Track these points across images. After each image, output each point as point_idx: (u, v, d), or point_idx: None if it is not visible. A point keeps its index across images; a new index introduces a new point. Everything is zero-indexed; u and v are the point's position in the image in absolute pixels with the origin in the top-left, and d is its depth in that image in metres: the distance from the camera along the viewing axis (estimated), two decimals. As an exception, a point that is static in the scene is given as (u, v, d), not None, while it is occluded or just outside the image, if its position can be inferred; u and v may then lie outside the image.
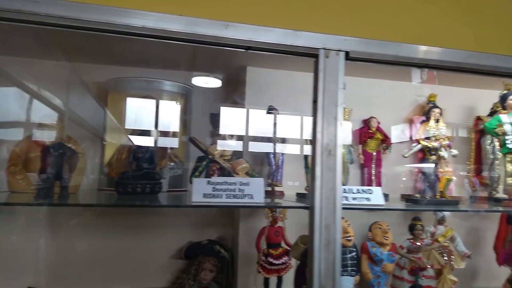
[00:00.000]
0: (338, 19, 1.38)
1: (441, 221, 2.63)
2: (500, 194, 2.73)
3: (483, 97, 2.87)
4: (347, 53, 1.36)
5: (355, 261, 2.51)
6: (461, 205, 2.58)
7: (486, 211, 2.42)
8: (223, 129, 2.26)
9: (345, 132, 2.49)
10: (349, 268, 2.49)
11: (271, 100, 2.51)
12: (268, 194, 2.35)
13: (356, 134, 2.73)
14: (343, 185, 1.80)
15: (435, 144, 2.08)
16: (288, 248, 2.31)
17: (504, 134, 2.11)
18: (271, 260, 2.27)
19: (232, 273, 2.52)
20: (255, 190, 1.49)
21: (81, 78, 2.66)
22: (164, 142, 2.56)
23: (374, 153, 2.67)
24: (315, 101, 1.35)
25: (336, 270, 1.31)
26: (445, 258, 2.55)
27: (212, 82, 2.70)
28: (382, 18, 1.43)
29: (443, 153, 2.04)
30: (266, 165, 2.49)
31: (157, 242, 2.57)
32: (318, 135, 1.32)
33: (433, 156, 2.05)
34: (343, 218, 2.65)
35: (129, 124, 2.50)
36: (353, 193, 1.65)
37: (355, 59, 1.40)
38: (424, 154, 2.06)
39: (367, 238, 2.65)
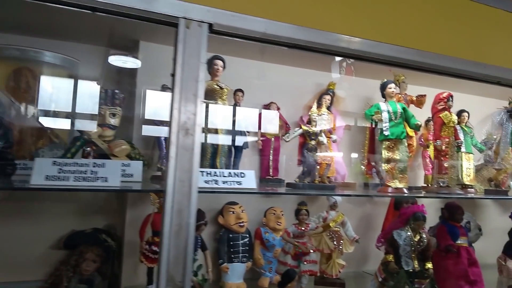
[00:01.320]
0: (202, -13, 1.27)
1: (333, 207, 2.69)
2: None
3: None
4: (210, 25, 1.26)
5: (247, 247, 2.47)
6: (353, 191, 2.66)
7: (357, 195, 2.51)
8: (106, 108, 2.06)
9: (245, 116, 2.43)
10: (241, 255, 2.45)
11: (166, 79, 2.34)
12: (157, 179, 2.21)
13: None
14: (219, 168, 1.73)
15: (315, 129, 2.08)
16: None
17: (381, 121, 2.18)
18: (155, 248, 2.15)
19: (119, 263, 2.36)
20: (110, 173, 1.35)
21: None
22: (42, 120, 2.30)
23: (273, 139, 2.65)
24: (172, 75, 1.24)
25: (187, 258, 1.22)
26: (335, 242, 2.62)
27: (100, 55, 2.46)
28: (251, -9, 1.35)
29: (322, 138, 2.05)
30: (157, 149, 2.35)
31: (35, 231, 2.31)
32: (175, 112, 1.22)
33: (313, 141, 2.05)
34: (237, 204, 2.64)
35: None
36: (225, 176, 1.58)
37: (219, 33, 1.30)
38: (305, 139, 2.06)
39: (262, 223, 2.64)
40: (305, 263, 2.11)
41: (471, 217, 3.01)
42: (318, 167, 2.02)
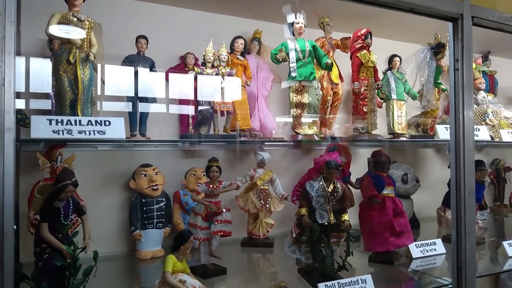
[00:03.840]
0: None
1: (260, 164, 2.51)
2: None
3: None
4: None
5: (163, 212, 2.27)
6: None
7: (262, 141, 2.31)
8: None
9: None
10: (155, 220, 2.25)
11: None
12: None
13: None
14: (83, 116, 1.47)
15: (210, 71, 1.84)
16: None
17: (284, 60, 1.96)
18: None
19: (16, 238, 2.09)
20: None
21: None
22: None
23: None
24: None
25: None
26: (262, 201, 2.45)
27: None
28: None
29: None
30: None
31: None
32: None
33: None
34: (150, 166, 2.41)
35: None
36: (82, 125, 1.33)
37: None
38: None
39: (182, 186, 2.44)
40: (216, 223, 1.92)
41: (409, 169, 2.90)
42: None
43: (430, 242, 2.29)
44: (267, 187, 2.51)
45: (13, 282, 1.14)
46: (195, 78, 1.83)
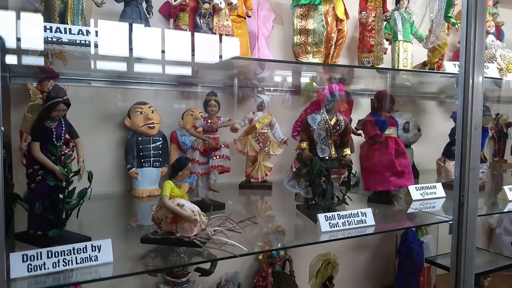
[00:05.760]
0: None
1: (260, 107, 2.45)
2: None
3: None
4: None
5: (159, 151, 2.22)
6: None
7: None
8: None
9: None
10: (152, 159, 2.20)
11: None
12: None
13: (166, 8, 2.30)
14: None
15: None
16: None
17: None
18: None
19: (10, 174, 2.05)
20: None
21: None
22: None
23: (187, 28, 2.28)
24: None
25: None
26: (261, 145, 2.40)
27: None
28: None
29: (218, 0, 1.70)
30: None
31: None
32: None
33: (206, 4, 1.70)
34: (146, 103, 2.34)
35: None
36: (72, 33, 1.24)
37: None
38: (197, 2, 1.70)
39: (179, 127, 2.38)
40: (214, 158, 1.87)
41: (411, 117, 2.85)
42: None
43: (430, 186, 2.27)
44: (266, 131, 2.46)
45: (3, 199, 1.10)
46: (194, -2, 1.72)
